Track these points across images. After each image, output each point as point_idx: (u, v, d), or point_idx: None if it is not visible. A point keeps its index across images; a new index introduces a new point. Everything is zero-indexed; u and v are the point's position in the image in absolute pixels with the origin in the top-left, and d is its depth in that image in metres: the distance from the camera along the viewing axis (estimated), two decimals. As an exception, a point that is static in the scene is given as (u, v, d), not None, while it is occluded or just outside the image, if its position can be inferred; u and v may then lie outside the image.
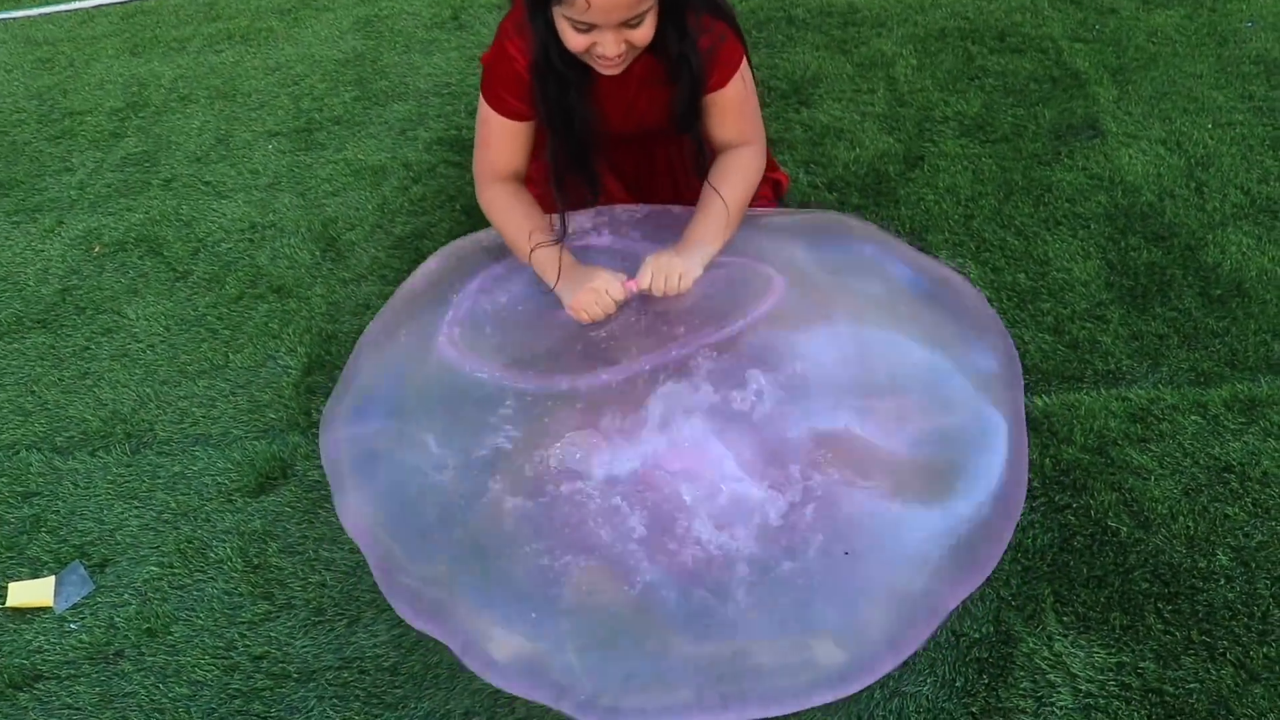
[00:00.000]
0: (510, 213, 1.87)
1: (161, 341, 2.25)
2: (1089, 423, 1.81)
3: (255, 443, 1.98)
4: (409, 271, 2.31)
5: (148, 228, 2.60)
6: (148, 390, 2.13)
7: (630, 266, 1.78)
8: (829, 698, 1.39)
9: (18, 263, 2.55)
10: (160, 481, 1.93)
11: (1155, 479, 1.72)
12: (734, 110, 1.85)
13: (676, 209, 1.94)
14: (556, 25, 1.66)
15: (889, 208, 2.33)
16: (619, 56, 1.67)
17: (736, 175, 1.84)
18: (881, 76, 2.83)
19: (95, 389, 2.16)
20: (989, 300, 2.06)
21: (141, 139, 2.98)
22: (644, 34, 1.66)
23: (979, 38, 2.94)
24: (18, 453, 2.03)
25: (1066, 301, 2.06)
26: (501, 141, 1.87)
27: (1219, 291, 2.05)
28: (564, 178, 1.86)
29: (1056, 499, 1.70)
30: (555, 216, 1.85)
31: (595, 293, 1.73)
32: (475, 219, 2.46)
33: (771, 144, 2.54)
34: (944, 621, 1.44)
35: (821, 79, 2.84)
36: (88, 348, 2.27)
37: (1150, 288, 2.07)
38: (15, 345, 2.29)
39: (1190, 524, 1.65)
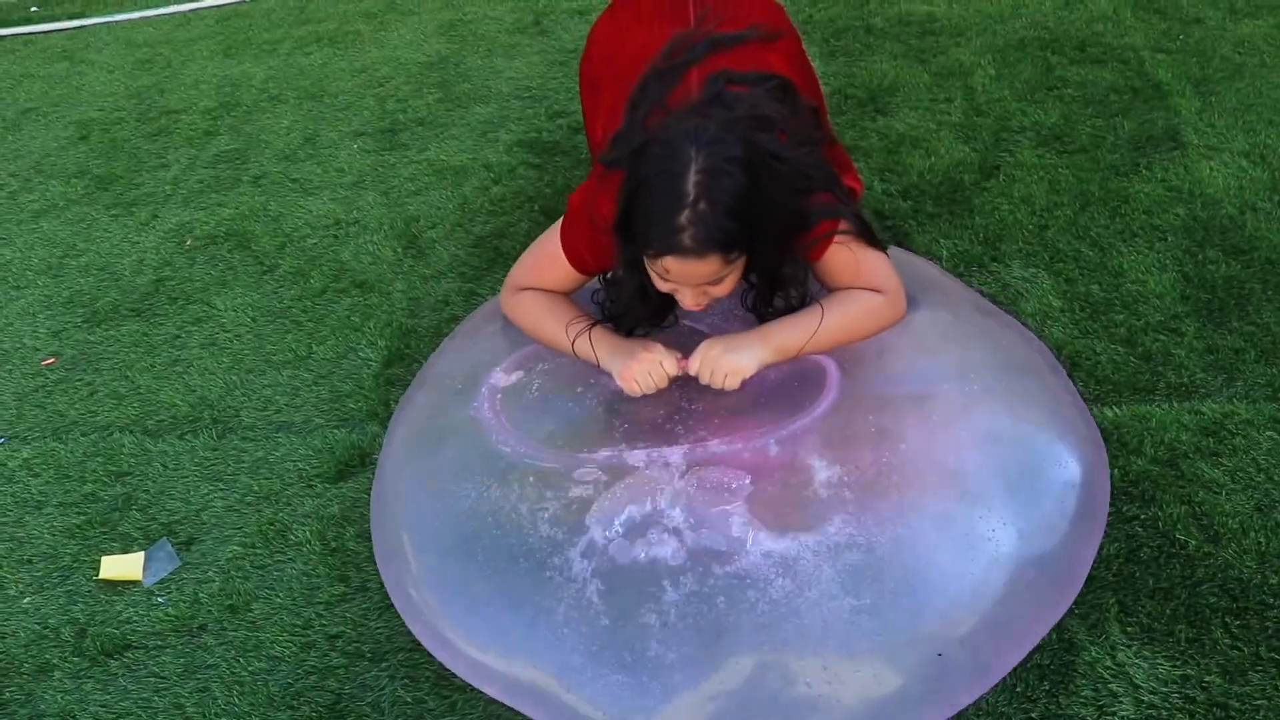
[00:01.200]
0: (541, 311, 1.85)
1: (248, 332, 2.34)
2: (1160, 435, 1.80)
3: (335, 431, 2.04)
4: (488, 269, 2.39)
5: (237, 223, 2.70)
6: (234, 378, 2.21)
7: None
8: None
9: (115, 254, 2.65)
10: (244, 465, 2.01)
11: (1226, 493, 1.71)
12: (844, 274, 1.76)
13: None
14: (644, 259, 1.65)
15: (963, 217, 2.33)
16: (699, 307, 1.68)
17: (851, 304, 1.76)
18: (959, 86, 2.83)
19: (185, 376, 2.24)
20: (1060, 312, 2.07)
21: (233, 137, 3.09)
22: (725, 289, 1.65)
23: (1059, 48, 2.92)
24: (111, 434, 2.12)
25: (1140, 314, 2.05)
26: (557, 282, 1.86)
27: (1300, 306, 2.02)
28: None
29: (1124, 510, 1.70)
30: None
31: (650, 363, 1.70)
32: (553, 219, 2.49)
33: (847, 151, 2.57)
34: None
35: (899, 88, 2.85)
36: (178, 336, 2.36)
37: (1228, 301, 2.05)
38: (112, 332, 2.39)
39: (1262, 540, 1.64)
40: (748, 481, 1.62)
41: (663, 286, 1.65)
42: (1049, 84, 2.78)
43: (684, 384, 1.75)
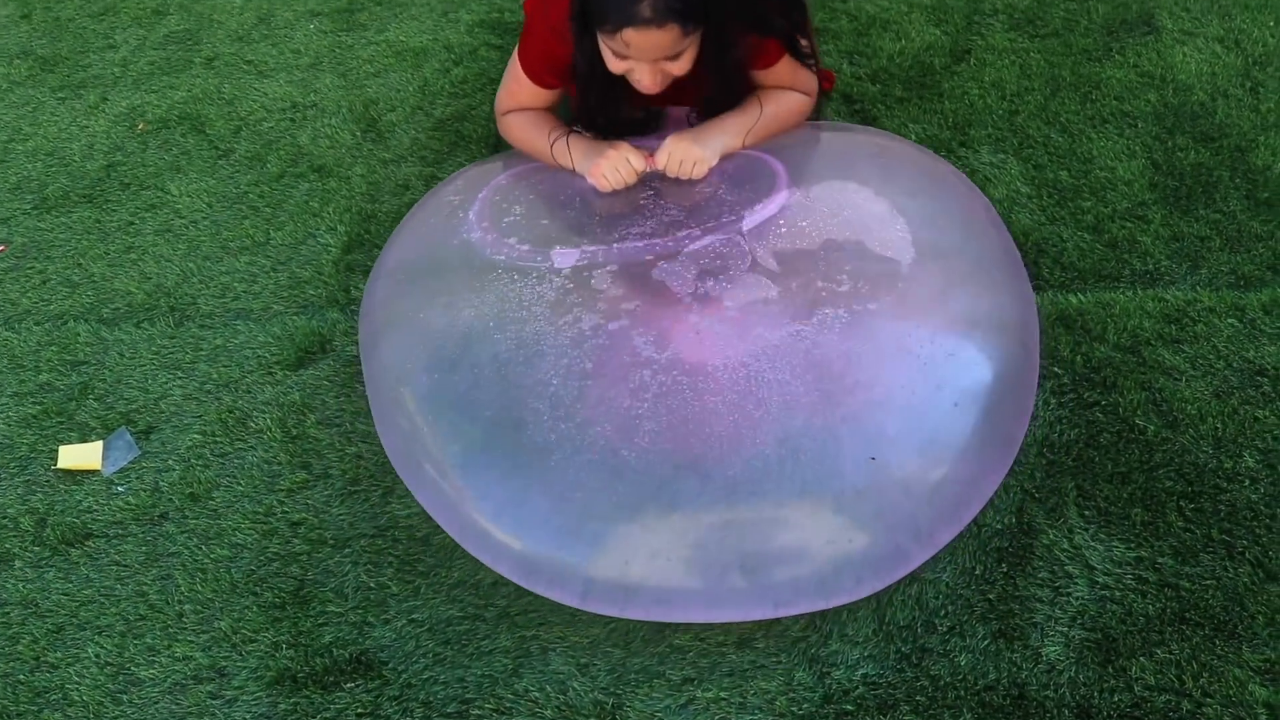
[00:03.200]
0: (526, 126, 1.93)
1: (204, 218, 2.28)
2: (1123, 321, 1.80)
3: (295, 318, 2.01)
4: (449, 153, 2.34)
5: (190, 106, 2.61)
6: (191, 265, 2.17)
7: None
8: (862, 592, 1.44)
9: (63, 138, 2.57)
10: (203, 353, 1.98)
11: (1186, 380, 1.72)
12: (781, 82, 1.90)
13: None
14: (600, 44, 1.69)
15: (933, 101, 2.29)
16: (655, 85, 1.72)
17: (782, 99, 1.89)
18: (933, -34, 2.75)
19: (140, 263, 2.19)
20: (1028, 198, 2.05)
21: (183, 17, 2.97)
22: (682, 66, 1.70)
23: (1036, -72, 2.85)
24: (66, 323, 2.08)
25: (1108, 200, 2.03)
26: (530, 99, 1.94)
27: (1266, 195, 2.01)
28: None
29: (1085, 395, 1.71)
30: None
31: (617, 159, 1.78)
32: (515, 103, 2.45)
33: (817, 33, 2.51)
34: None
35: (871, -32, 2.78)
36: (132, 223, 2.30)
37: (1195, 189, 2.04)
38: (62, 219, 2.33)
39: (1219, 425, 1.66)
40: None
41: (618, 66, 1.69)
42: (1024, -35, 2.71)
43: (653, 180, 1.85)
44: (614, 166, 1.79)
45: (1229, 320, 1.80)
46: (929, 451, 1.48)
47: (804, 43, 1.89)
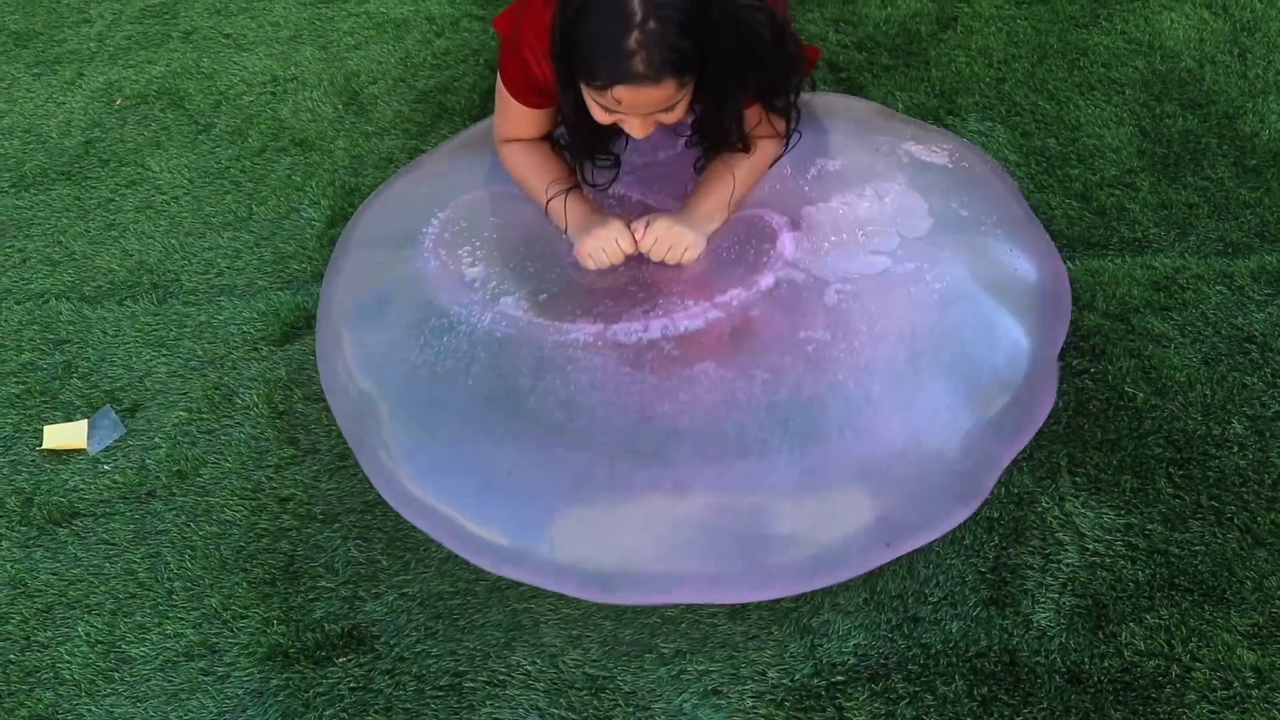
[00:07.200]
0: (528, 166, 1.77)
1: (186, 194, 2.26)
2: (1111, 289, 1.80)
3: (280, 293, 2.00)
4: (432, 125, 2.32)
5: (169, 80, 2.58)
6: (173, 241, 2.15)
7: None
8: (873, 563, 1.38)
9: (40, 115, 2.53)
10: (187, 330, 1.96)
11: (1175, 347, 1.72)
12: (750, 120, 1.69)
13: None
14: (584, 94, 1.54)
15: (919, 69, 2.28)
16: (646, 134, 1.57)
17: (749, 160, 1.71)
18: (918, -66, 2.73)
19: (121, 240, 2.17)
20: (1016, 166, 2.04)
21: (161, -11, 2.94)
22: (675, 116, 1.54)
23: (1021, -106, 2.83)
24: (47, 301, 2.05)
25: (1096, 168, 2.03)
26: (526, 123, 1.76)
27: (1254, 161, 2.01)
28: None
29: (1074, 364, 1.71)
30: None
31: (604, 239, 1.65)
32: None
33: (801, 3, 2.49)
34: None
35: (856, -65, 2.75)
36: (113, 199, 2.27)
37: (1183, 156, 2.03)
38: (41, 197, 2.30)
39: (1207, 392, 1.66)
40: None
41: (606, 119, 1.55)
42: (1009, -68, 2.69)
43: (643, 260, 1.69)
44: (601, 247, 1.65)
45: (1217, 287, 1.80)
46: None
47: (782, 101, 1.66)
